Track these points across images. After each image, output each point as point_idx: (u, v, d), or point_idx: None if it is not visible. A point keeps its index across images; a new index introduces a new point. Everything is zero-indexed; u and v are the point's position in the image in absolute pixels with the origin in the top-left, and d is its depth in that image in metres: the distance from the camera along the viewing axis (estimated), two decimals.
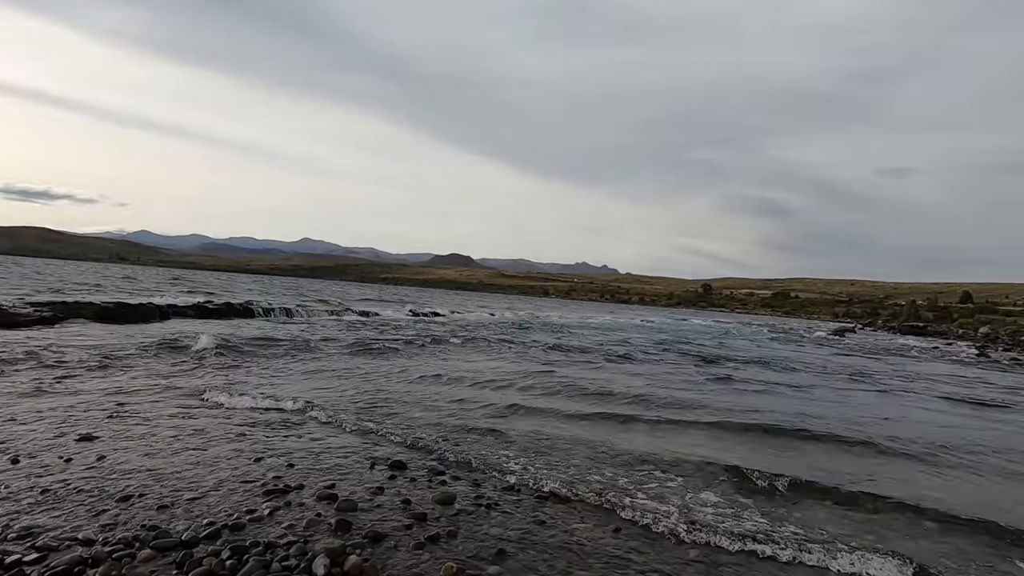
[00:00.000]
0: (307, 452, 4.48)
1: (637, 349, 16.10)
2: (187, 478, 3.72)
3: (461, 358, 11.31)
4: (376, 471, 4.17)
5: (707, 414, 6.99)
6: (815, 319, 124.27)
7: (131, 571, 2.58)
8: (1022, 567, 3.28)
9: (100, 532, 2.90)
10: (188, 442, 4.51)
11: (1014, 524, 3.77)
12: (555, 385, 8.47)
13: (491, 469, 4.39)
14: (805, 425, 6.56)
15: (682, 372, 11.54)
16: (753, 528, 3.52)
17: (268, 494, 3.54)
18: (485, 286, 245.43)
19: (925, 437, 6.40)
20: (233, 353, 9.33)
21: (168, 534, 2.93)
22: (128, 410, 5.34)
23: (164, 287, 29.76)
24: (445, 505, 3.62)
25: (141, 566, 2.64)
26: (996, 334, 45.82)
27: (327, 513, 3.32)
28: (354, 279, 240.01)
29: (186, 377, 7.24)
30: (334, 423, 5.44)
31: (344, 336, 13.23)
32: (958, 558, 3.32)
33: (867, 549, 3.28)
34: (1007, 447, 6.27)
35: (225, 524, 3.06)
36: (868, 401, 9.33)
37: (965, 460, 5.55)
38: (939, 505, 4.08)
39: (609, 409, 6.92)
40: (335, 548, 2.82)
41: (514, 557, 3.01)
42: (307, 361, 9.31)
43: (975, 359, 22.52)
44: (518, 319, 28.86)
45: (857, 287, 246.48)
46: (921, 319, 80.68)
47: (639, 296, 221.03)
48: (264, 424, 5.22)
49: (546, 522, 3.49)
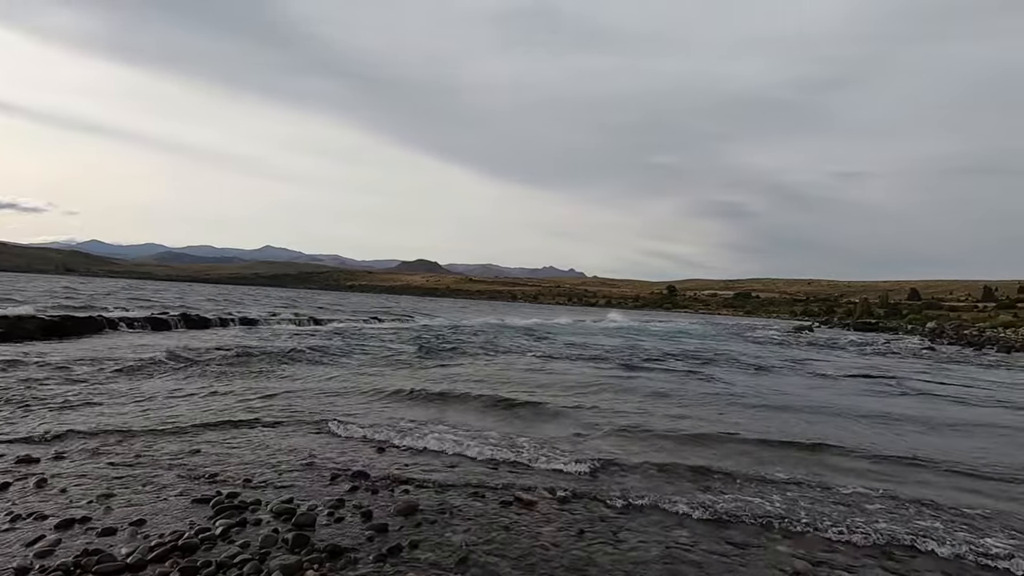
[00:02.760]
0: (265, 466, 4.34)
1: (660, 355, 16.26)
2: (135, 501, 3.55)
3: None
4: (337, 484, 4.07)
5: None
6: (775, 318, 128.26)
7: None
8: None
9: (36, 560, 2.74)
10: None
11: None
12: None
13: (460, 475, 4.35)
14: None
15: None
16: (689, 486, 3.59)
17: (222, 512, 3.41)
18: (453, 292, 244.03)
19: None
20: (185, 364, 8.99)
21: (112, 558, 2.79)
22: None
23: (114, 299, 28.48)
24: (407, 515, 3.56)
25: None
26: (942, 329, 48.16)
27: (284, 529, 3.22)
28: (319, 287, 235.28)
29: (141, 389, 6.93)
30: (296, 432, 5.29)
31: (332, 344, 12.90)
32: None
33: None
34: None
35: (175, 545, 2.93)
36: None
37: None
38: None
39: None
40: (291, 565, 2.74)
41: (477, 564, 2.98)
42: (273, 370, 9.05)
43: (923, 351, 23.60)
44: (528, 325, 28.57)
45: (814, 286, 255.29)
46: (873, 316, 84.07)
47: (606, 299, 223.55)
48: (221, 440, 5.03)
49: (511, 527, 3.47)
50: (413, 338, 17.12)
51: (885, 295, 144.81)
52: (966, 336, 39.30)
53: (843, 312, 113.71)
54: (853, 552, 3.36)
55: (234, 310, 22.05)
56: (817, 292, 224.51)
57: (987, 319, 59.31)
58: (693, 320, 67.63)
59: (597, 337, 23.46)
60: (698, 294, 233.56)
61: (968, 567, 3.24)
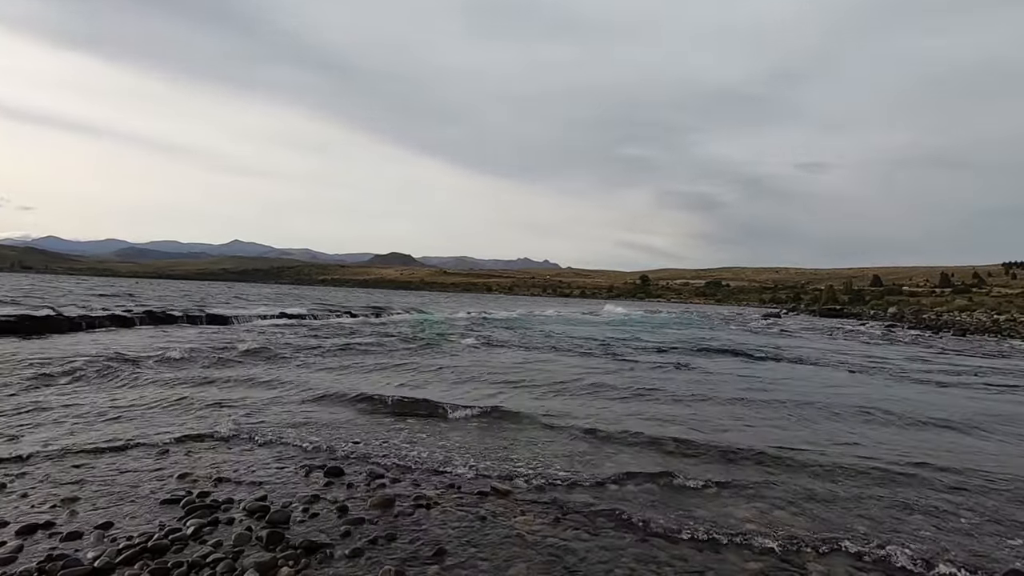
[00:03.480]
0: (238, 464, 4.27)
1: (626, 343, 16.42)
2: (101, 504, 3.46)
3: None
4: (312, 479, 4.04)
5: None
6: (744, 305, 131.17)
7: None
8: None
9: None
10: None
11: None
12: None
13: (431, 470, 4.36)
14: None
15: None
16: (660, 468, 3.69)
17: (193, 511, 3.35)
18: (427, 285, 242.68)
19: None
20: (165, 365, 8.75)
21: (79, 562, 2.72)
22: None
23: (75, 297, 27.49)
24: (384, 509, 3.55)
25: None
26: (902, 313, 50.03)
27: (258, 527, 3.19)
28: (290, 282, 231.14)
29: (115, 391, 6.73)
30: (272, 439, 5.21)
31: (326, 342, 12.69)
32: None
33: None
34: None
35: (144, 547, 2.87)
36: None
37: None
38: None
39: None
40: (265, 562, 2.71)
41: (454, 555, 2.99)
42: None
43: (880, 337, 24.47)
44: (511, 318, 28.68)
45: (781, 274, 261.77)
46: (838, 302, 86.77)
47: (580, 289, 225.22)
48: (192, 440, 4.93)
49: (487, 518, 3.50)
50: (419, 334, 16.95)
51: (849, 282, 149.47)
52: (925, 320, 40.90)
53: (809, 299, 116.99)
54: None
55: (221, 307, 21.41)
56: (785, 280, 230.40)
57: (944, 304, 61.86)
58: (686, 309, 68.05)
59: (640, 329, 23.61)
60: (670, 283, 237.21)
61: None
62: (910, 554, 3.11)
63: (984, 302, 60.60)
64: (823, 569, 2.98)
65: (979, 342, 23.91)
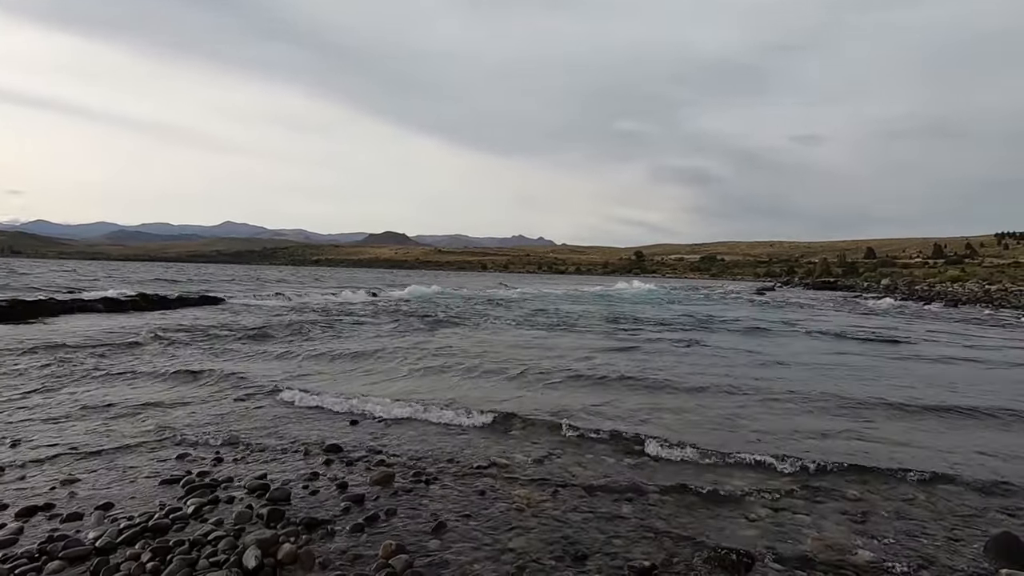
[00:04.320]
0: (237, 444, 4.28)
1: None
2: (100, 485, 3.46)
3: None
4: (311, 457, 4.06)
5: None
6: (739, 279, 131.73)
7: None
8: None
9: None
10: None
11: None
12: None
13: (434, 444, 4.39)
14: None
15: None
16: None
17: (193, 491, 3.36)
18: (422, 263, 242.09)
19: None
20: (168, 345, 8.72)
21: (80, 543, 2.72)
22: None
23: (63, 281, 27.29)
24: (383, 485, 3.57)
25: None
26: (895, 285, 50.37)
27: (259, 505, 3.20)
28: (284, 262, 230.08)
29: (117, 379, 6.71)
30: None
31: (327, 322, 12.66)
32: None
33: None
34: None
35: (145, 527, 2.88)
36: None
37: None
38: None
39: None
40: (267, 539, 2.72)
41: (454, 529, 3.02)
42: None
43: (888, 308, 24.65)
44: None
45: (776, 247, 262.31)
46: (832, 275, 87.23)
47: (575, 266, 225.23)
48: (191, 420, 4.93)
49: (486, 492, 3.53)
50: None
51: (843, 254, 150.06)
52: (917, 291, 41.17)
53: (803, 272, 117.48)
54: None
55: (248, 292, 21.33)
56: (779, 253, 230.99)
57: (937, 275, 62.27)
58: (692, 285, 67.97)
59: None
60: (665, 259, 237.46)
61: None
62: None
63: (976, 272, 61.03)
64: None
65: (944, 312, 24.12)
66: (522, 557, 2.75)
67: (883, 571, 2.67)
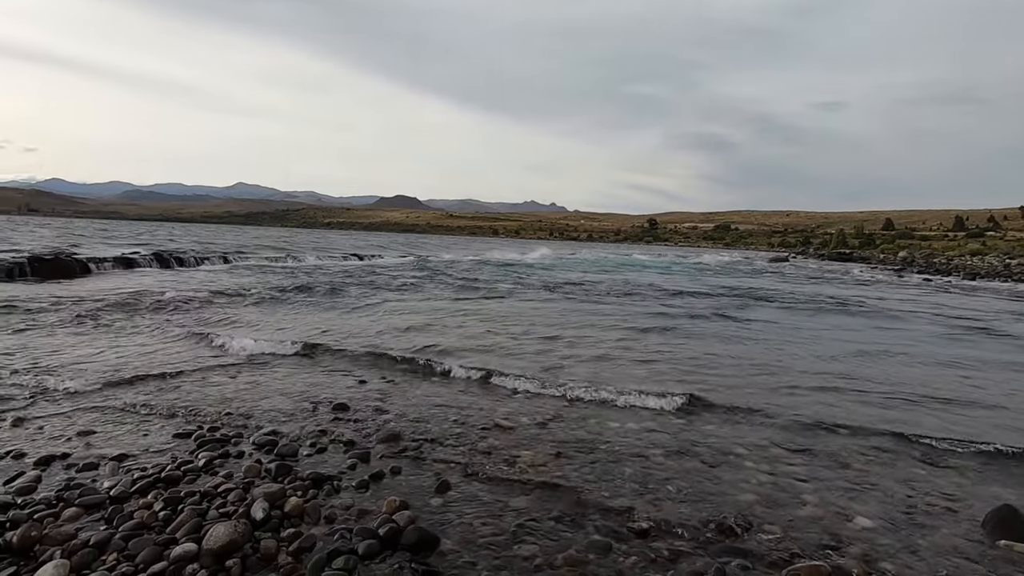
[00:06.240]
0: (247, 401, 4.37)
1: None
2: (115, 437, 3.56)
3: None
4: (319, 414, 4.14)
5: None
6: (753, 249, 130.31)
7: (55, 530, 2.47)
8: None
9: (17, 496, 2.75)
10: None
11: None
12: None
13: (435, 407, 4.45)
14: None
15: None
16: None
17: (203, 445, 3.45)
18: (433, 228, 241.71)
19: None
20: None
21: (95, 491, 2.82)
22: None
23: (88, 240, 27.61)
24: (389, 443, 3.64)
25: (66, 524, 2.53)
26: (912, 258, 49.52)
27: (267, 460, 3.28)
28: (296, 225, 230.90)
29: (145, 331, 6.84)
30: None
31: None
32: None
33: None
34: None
35: (157, 477, 2.97)
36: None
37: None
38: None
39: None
40: (274, 492, 2.79)
41: (457, 488, 3.08)
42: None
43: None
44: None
45: (792, 218, 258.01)
46: (848, 246, 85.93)
47: (588, 233, 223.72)
48: (200, 373, 5.03)
49: (490, 452, 3.58)
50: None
51: (860, 226, 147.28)
52: (935, 264, 40.48)
53: (819, 243, 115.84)
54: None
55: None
56: (795, 224, 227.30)
57: (956, 248, 61.08)
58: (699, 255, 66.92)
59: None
60: (678, 227, 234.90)
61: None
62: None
63: (997, 246, 59.75)
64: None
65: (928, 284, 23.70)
66: (522, 516, 2.80)
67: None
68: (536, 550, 2.52)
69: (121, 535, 2.44)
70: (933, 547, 2.66)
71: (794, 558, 2.51)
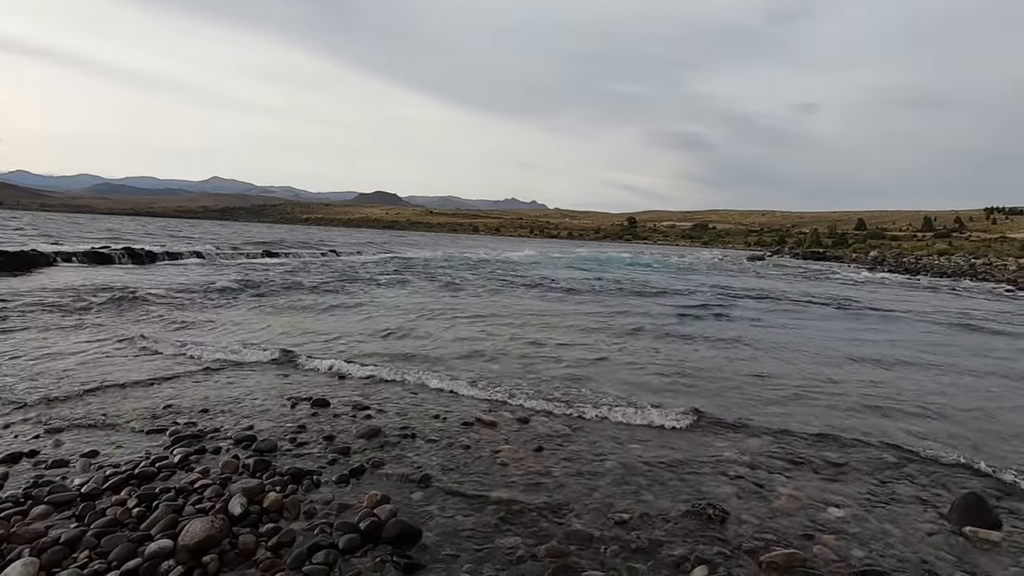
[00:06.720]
0: (224, 396, 4.29)
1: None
2: (86, 434, 3.46)
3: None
4: (298, 410, 4.08)
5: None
6: (730, 248, 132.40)
7: (23, 528, 2.40)
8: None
9: None
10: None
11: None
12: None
13: (418, 401, 4.43)
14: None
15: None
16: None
17: (179, 440, 3.38)
18: (413, 225, 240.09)
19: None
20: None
21: (65, 488, 2.74)
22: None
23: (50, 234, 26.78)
24: (370, 438, 3.61)
25: (36, 522, 2.46)
26: (883, 257, 50.82)
27: (245, 455, 3.23)
28: (273, 221, 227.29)
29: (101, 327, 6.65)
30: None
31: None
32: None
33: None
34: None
35: (131, 474, 2.90)
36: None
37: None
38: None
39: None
40: (253, 487, 2.75)
41: (439, 481, 3.07)
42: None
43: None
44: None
45: (768, 217, 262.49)
46: (822, 245, 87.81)
47: (568, 231, 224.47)
48: (176, 372, 4.92)
49: (471, 446, 3.58)
50: None
51: (834, 225, 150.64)
52: (904, 263, 41.61)
53: (794, 242, 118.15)
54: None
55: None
56: (771, 223, 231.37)
57: (925, 248, 62.83)
58: (683, 254, 68.18)
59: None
60: (657, 226, 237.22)
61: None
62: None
63: (963, 246, 61.62)
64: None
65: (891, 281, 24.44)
66: (504, 508, 2.81)
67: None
68: (518, 541, 2.53)
69: (93, 532, 2.38)
70: (903, 535, 2.74)
71: (770, 546, 2.56)
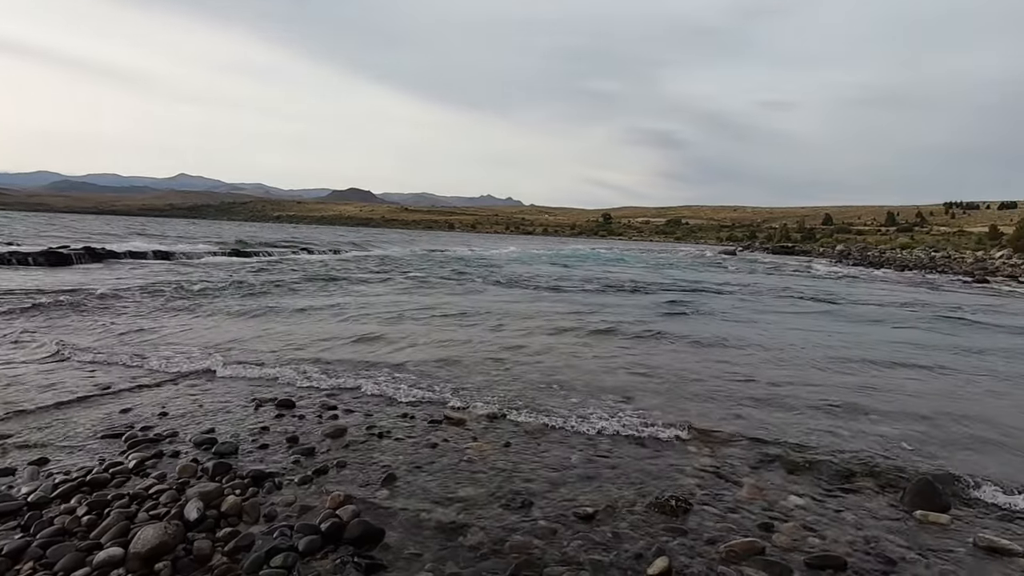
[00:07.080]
0: (184, 398, 4.18)
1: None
2: (35, 441, 3.33)
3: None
4: (262, 412, 4.00)
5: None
6: (703, 243, 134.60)
7: None
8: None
9: None
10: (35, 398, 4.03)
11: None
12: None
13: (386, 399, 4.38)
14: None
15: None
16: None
17: (136, 445, 3.28)
18: (387, 222, 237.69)
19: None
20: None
21: (11, 497, 2.63)
22: None
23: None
24: (335, 438, 3.56)
25: None
26: (849, 251, 52.29)
27: (205, 458, 3.15)
28: (243, 219, 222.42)
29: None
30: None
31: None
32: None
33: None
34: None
35: (82, 481, 2.80)
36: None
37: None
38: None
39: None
40: (210, 491, 2.68)
41: (404, 480, 3.04)
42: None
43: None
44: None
45: (739, 213, 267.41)
46: (791, 240, 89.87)
47: (544, 227, 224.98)
48: (132, 376, 4.78)
49: (439, 445, 3.56)
50: None
51: (802, 220, 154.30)
52: (868, 257, 42.87)
53: (764, 237, 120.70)
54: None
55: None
56: (742, 218, 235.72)
57: (888, 242, 64.90)
58: (664, 248, 69.36)
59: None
60: (632, 221, 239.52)
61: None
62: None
63: (924, 240, 63.85)
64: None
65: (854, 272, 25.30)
66: (469, 505, 2.80)
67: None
68: (483, 538, 2.52)
69: (39, 543, 2.29)
70: (857, 519, 2.82)
71: (730, 534, 2.61)
